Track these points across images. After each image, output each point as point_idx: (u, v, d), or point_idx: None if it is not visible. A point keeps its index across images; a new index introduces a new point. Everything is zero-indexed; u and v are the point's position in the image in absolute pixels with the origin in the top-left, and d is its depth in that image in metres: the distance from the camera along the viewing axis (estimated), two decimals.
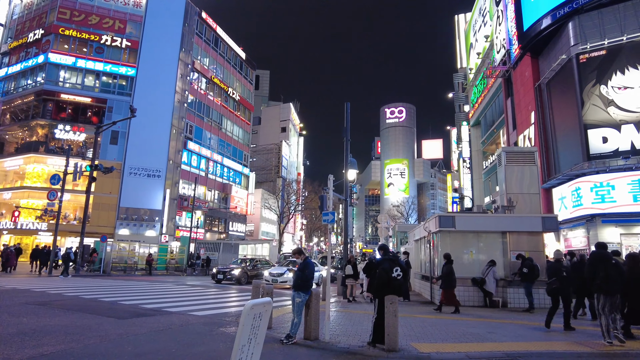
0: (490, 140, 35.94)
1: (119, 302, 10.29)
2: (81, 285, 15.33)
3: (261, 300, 3.75)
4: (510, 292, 11.28)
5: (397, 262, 6.09)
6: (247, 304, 3.59)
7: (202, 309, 9.86)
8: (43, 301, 9.78)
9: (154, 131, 37.32)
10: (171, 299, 11.82)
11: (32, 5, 40.56)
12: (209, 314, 9.11)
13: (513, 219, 11.76)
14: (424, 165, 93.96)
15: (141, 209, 36.06)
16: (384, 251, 6.51)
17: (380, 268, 6.01)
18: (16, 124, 37.95)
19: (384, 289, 5.87)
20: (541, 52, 24.96)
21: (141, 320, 7.77)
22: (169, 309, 9.61)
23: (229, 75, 49.90)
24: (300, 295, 6.25)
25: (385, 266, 5.97)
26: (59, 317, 7.70)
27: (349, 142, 14.39)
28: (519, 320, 9.14)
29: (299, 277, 6.33)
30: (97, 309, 9.08)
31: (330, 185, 7.52)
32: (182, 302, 11.13)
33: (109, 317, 7.91)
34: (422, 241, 14.95)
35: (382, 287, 5.89)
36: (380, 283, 5.90)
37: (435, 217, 11.99)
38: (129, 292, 13.34)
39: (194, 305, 10.53)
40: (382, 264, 6.09)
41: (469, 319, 9.20)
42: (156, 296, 12.49)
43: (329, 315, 6.49)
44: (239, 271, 20.03)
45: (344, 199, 14.34)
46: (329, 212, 6.98)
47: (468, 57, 44.34)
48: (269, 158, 66.21)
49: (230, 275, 19.87)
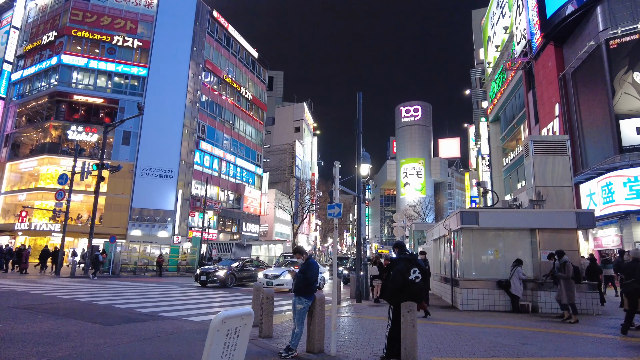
0: (511, 136, 34.51)
1: (113, 306, 9.59)
2: (82, 287, 14.77)
3: (237, 311, 2.88)
4: (541, 296, 10.17)
5: (415, 262, 5.10)
6: (216, 316, 2.73)
7: (201, 314, 9.09)
8: (32, 305, 9.14)
9: (166, 131, 37.02)
10: (171, 302, 11.10)
11: (47, 8, 40.81)
12: (207, 320, 8.31)
13: (543, 215, 10.63)
14: (440, 164, 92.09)
15: (153, 210, 35.74)
16: (400, 249, 5.46)
17: (395, 269, 5.06)
18: (31, 125, 38.15)
19: (399, 294, 4.96)
20: (565, 40, 23.58)
21: (129, 327, 7.01)
22: (165, 313, 8.87)
23: (242, 75, 49.43)
24: (302, 300, 5.38)
25: (400, 267, 5.01)
26: (40, 323, 7.01)
27: (362, 135, 13.48)
28: (555, 329, 8.06)
29: (300, 279, 5.46)
30: (87, 313, 8.38)
31: (336, 174, 6.63)
32: (181, 306, 10.38)
33: (94, 324, 7.18)
34: (442, 240, 13.91)
35: (397, 291, 4.96)
36: (394, 287, 4.96)
37: (456, 213, 10.97)
38: (129, 295, 12.68)
39: (193, 310, 9.77)
40: (396, 264, 5.13)
41: (497, 327, 8.17)
42: (156, 299, 11.78)
43: (335, 323, 5.59)
44: (224, 272, 17.30)
45: (356, 195, 13.42)
46: (335, 205, 6.11)
47: (486, 51, 42.85)
48: (282, 158, 65.60)
49: (215, 277, 17.14)
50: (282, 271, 16.13)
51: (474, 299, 10.77)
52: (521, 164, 31.43)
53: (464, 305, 10.82)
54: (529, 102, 28.97)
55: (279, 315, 9.03)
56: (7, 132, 39.11)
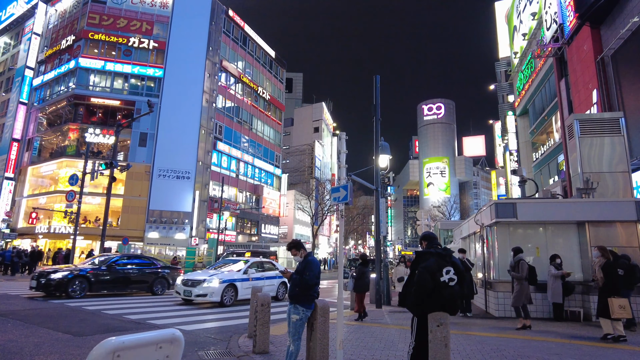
0: (541, 129, 32.45)
1: (102, 312, 8.66)
2: None
3: (147, 336, 1.68)
4: (594, 301, 8.62)
5: (449, 259, 3.80)
6: (100, 345, 1.53)
7: (195, 322, 8.04)
8: (10, 310, 8.27)
9: (183, 132, 36.56)
10: (168, 308, 10.11)
11: (66, 13, 41.17)
12: (199, 329, 7.25)
13: (595, 205, 9.05)
14: (465, 163, 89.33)
15: (170, 212, 35.26)
16: (429, 242, 4.06)
17: (421, 267, 3.74)
18: (50, 129, 38.41)
19: (427, 300, 3.69)
20: (603, 20, 21.59)
21: (102, 338, 5.97)
22: (155, 320, 7.85)
23: (259, 74, 48.74)
24: (298, 310, 4.19)
25: (429, 264, 3.72)
26: (2, 334, 6.05)
27: (380, 122, 12.20)
28: (621, 345, 6.55)
29: (296, 282, 4.27)
30: (65, 321, 7.44)
31: (342, 147, 5.42)
32: (177, 312, 9.38)
33: (65, 334, 6.20)
34: (472, 238, 12.45)
35: (424, 297, 3.68)
36: (421, 291, 3.67)
37: (490, 205, 9.55)
38: (127, 299, 11.76)
39: (188, 317, 8.74)
40: (424, 260, 3.81)
41: (545, 339, 6.75)
42: (154, 304, 10.81)
43: (341, 339, 4.36)
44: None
45: (374, 188, 12.14)
46: (340, 187, 4.93)
47: (511, 41, 40.74)
48: (302, 159, 64.62)
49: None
50: (209, 276, 11.25)
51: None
52: (553, 158, 29.36)
53: (500, 312, 9.40)
54: (562, 91, 26.99)
55: (281, 324, 7.84)
56: (29, 137, 39.53)
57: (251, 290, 7.71)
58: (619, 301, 6.55)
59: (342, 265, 5.08)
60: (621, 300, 6.55)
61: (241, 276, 11.84)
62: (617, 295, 6.63)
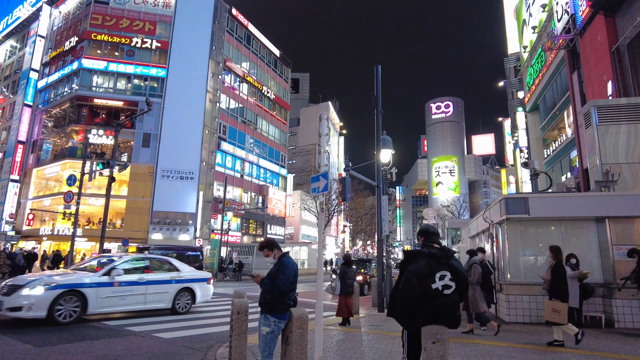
0: (552, 125, 31.44)
1: (80, 317, 8.05)
2: None
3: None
4: (617, 305, 7.83)
5: (444, 260, 3.10)
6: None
7: (177, 328, 7.44)
8: None
9: (186, 132, 36.17)
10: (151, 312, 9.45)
11: (69, 14, 41.11)
12: (178, 337, 6.64)
13: (615, 199, 8.23)
14: (474, 161, 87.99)
15: (174, 213, 34.87)
16: (426, 239, 3.37)
17: (408, 271, 3.05)
18: (54, 131, 38.30)
19: (416, 311, 2.97)
20: (618, 7, 20.64)
21: (67, 348, 5.43)
22: (134, 327, 7.26)
23: (263, 74, 48.24)
24: (269, 321, 3.55)
25: (417, 268, 3.02)
26: None
27: (381, 114, 11.52)
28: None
29: (267, 288, 3.63)
30: (32, 328, 6.83)
31: (323, 121, 4.79)
32: (160, 317, 8.76)
33: (25, 344, 5.63)
34: (482, 237, 11.68)
35: (410, 308, 2.98)
36: (405, 301, 2.99)
37: (500, 201, 8.80)
38: None
39: (171, 322, 8.13)
40: (413, 261, 3.09)
41: (565, 351, 6.00)
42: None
43: (320, 356, 3.68)
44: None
45: (375, 184, 11.44)
46: (319, 176, 4.27)
47: (520, 36, 39.69)
48: (308, 159, 64.00)
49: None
50: (30, 281, 7.76)
51: (524, 309, 8.58)
52: (565, 154, 28.41)
53: (511, 317, 8.64)
54: (574, 84, 26.02)
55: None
56: (34, 139, 39.50)
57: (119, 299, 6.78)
58: (556, 304, 6.14)
59: (322, 266, 4.41)
60: (559, 305, 6.13)
61: (98, 279, 8.20)
62: (562, 299, 6.20)
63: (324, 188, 4.41)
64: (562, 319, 6.09)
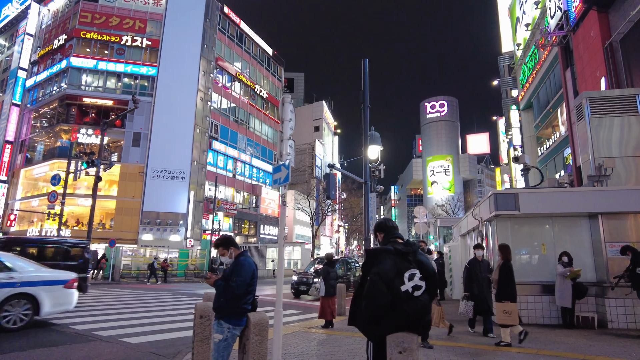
0: (546, 122, 31.28)
1: (48, 321, 7.66)
2: None
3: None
4: (611, 305, 7.51)
5: (412, 256, 2.66)
6: None
7: (147, 332, 7.07)
8: None
9: (177, 132, 35.68)
10: (126, 316, 9.07)
11: (58, 12, 40.50)
12: (146, 341, 6.27)
13: (608, 194, 7.91)
14: (469, 161, 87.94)
15: (165, 213, 34.37)
16: (386, 234, 2.91)
17: (373, 274, 2.60)
18: (43, 130, 37.71)
19: (383, 318, 2.54)
20: (611, 3, 20.44)
21: (21, 356, 4.99)
22: (102, 331, 6.87)
23: (256, 72, 47.79)
24: (223, 327, 3.18)
25: (384, 269, 2.59)
26: None
27: (369, 109, 11.17)
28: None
29: (220, 291, 3.25)
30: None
31: (287, 107, 4.40)
32: (134, 320, 8.39)
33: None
34: (472, 235, 11.36)
35: (379, 314, 2.53)
36: (372, 309, 2.54)
37: (489, 197, 8.47)
38: (88, 306, 10.74)
39: (144, 326, 7.75)
40: (378, 261, 2.64)
41: (557, 354, 5.66)
42: (113, 312, 9.77)
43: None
44: None
45: (363, 181, 11.09)
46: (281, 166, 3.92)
47: (514, 33, 39.55)
48: (302, 159, 63.65)
49: None
50: None
51: None
52: (559, 152, 28.25)
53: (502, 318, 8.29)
54: (567, 81, 25.83)
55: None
56: (22, 139, 38.86)
57: None
58: (506, 306, 6.04)
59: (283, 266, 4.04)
60: (509, 306, 6.04)
61: None
62: (511, 300, 6.11)
63: (285, 179, 4.05)
64: (513, 320, 6.03)
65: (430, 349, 5.89)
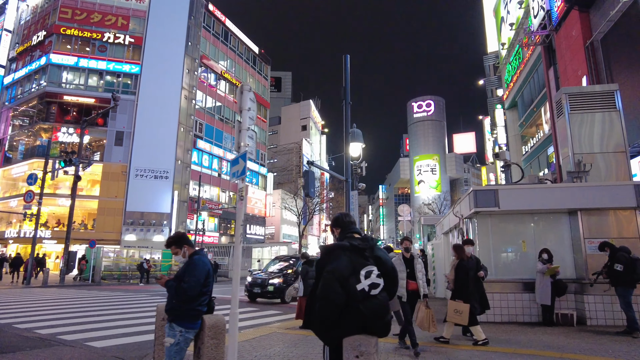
0: (530, 121, 31.57)
1: (12, 325, 7.32)
2: (25, 298, 12.59)
3: None
4: (589, 302, 7.46)
5: (369, 252, 2.49)
6: None
7: (116, 335, 6.78)
8: None
9: (161, 130, 35.11)
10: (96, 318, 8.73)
11: (37, 8, 39.53)
12: (113, 345, 6.00)
13: (587, 190, 7.84)
14: (456, 160, 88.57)
15: (148, 213, 33.80)
16: (343, 230, 2.69)
17: (327, 272, 2.40)
18: (22, 129, 36.77)
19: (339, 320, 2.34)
20: (592, 2, 20.64)
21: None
22: (66, 335, 6.57)
23: (242, 70, 47.35)
24: (174, 330, 2.98)
25: (338, 267, 2.39)
26: None
27: (350, 106, 11.01)
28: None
29: (172, 292, 3.04)
30: None
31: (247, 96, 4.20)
32: (103, 324, 8.07)
33: None
34: (454, 233, 11.28)
35: (333, 315, 2.33)
36: (326, 310, 2.33)
37: (469, 193, 8.38)
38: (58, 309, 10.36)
39: (113, 329, 7.46)
40: (333, 258, 2.44)
41: (534, 353, 5.56)
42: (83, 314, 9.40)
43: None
44: None
45: (344, 179, 10.93)
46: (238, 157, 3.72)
47: (499, 33, 39.87)
48: (289, 158, 63.40)
49: None
50: None
51: (495, 307, 8.15)
52: (543, 150, 28.52)
53: (481, 317, 8.21)
54: (550, 80, 26.09)
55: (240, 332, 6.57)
56: (0, 137, 37.83)
57: None
58: (459, 305, 6.07)
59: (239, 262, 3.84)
60: (461, 305, 6.06)
61: None
62: (465, 300, 6.13)
63: (242, 172, 3.85)
64: (463, 320, 6.04)
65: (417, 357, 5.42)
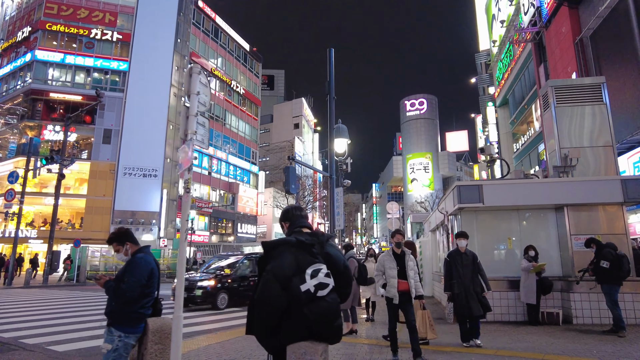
0: (521, 119, 31.54)
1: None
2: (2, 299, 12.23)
3: None
4: (576, 300, 7.27)
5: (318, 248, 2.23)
6: None
7: (81, 338, 6.51)
8: None
9: (150, 128, 34.61)
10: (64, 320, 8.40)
11: (22, 3, 38.78)
12: (75, 349, 5.73)
13: (573, 185, 7.63)
14: (448, 158, 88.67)
15: (137, 212, 33.32)
16: (292, 223, 2.44)
17: (267, 272, 2.12)
18: (7, 127, 36.08)
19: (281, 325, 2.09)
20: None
21: None
22: (28, 339, 6.28)
23: (232, 68, 46.90)
24: (113, 335, 2.72)
25: (280, 265, 2.12)
26: None
27: (334, 100, 10.74)
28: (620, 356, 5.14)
29: (112, 294, 2.77)
30: None
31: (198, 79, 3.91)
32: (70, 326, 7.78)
33: None
34: (440, 230, 11.07)
35: (273, 321, 2.08)
36: (265, 314, 2.08)
37: (453, 189, 8.15)
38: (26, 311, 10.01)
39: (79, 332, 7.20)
40: (276, 254, 2.17)
41: (520, 355, 5.34)
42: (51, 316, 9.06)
43: None
44: None
45: (329, 175, 10.67)
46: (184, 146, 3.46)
47: (490, 30, 39.84)
48: (282, 156, 63.00)
49: None
50: None
51: None
52: (533, 148, 28.50)
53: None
54: (541, 77, 26.07)
55: (187, 340, 6.27)
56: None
57: None
58: None
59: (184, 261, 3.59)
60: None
61: None
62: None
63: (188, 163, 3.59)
64: None
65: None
